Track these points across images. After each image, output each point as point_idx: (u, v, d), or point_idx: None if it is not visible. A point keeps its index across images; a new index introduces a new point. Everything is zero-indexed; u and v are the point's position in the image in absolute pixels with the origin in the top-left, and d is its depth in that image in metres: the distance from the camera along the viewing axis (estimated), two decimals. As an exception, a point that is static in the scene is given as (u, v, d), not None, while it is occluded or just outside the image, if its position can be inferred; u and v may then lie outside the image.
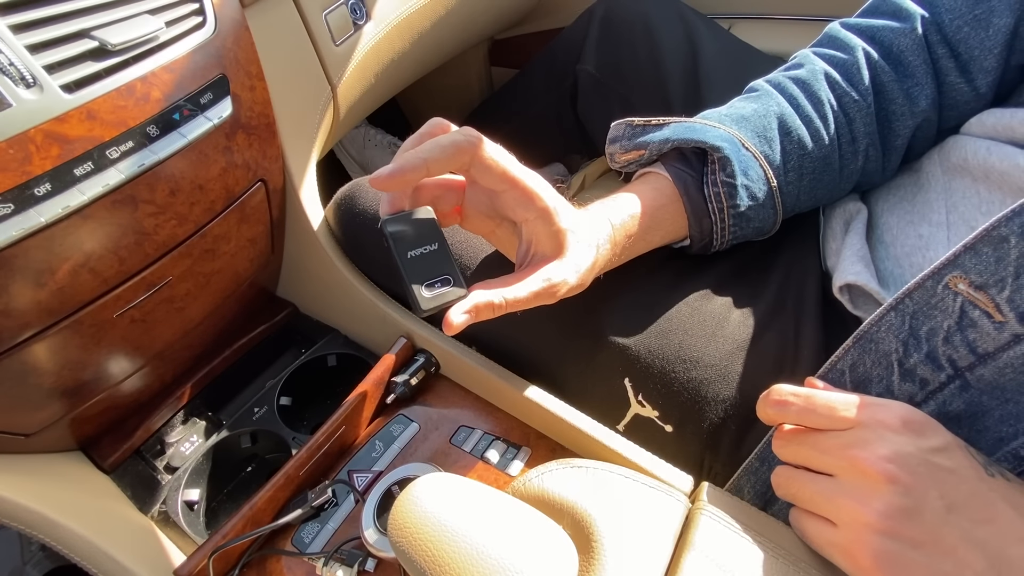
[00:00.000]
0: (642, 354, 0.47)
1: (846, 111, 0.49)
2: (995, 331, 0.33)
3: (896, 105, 0.48)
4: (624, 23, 0.75)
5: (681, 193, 0.48)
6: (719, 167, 0.47)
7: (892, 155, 0.51)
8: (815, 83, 0.49)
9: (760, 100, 0.51)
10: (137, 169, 0.42)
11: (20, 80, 0.36)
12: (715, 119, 0.49)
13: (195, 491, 0.54)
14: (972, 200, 0.44)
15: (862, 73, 0.48)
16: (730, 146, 0.47)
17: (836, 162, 0.50)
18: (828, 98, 0.49)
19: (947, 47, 0.47)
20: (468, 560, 0.31)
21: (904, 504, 0.30)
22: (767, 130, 0.49)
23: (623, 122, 0.51)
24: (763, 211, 0.49)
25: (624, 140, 0.51)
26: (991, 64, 0.46)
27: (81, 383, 0.49)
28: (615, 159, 0.52)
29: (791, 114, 0.49)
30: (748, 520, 0.37)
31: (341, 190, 0.61)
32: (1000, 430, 0.34)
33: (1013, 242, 0.32)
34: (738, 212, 0.48)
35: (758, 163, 0.48)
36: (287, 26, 0.58)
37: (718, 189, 0.48)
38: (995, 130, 0.44)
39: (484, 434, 0.51)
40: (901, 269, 0.46)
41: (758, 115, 0.49)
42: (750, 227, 0.50)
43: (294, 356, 0.64)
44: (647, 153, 0.50)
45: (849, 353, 0.38)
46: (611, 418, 0.50)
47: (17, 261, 0.38)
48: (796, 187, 0.50)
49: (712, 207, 0.48)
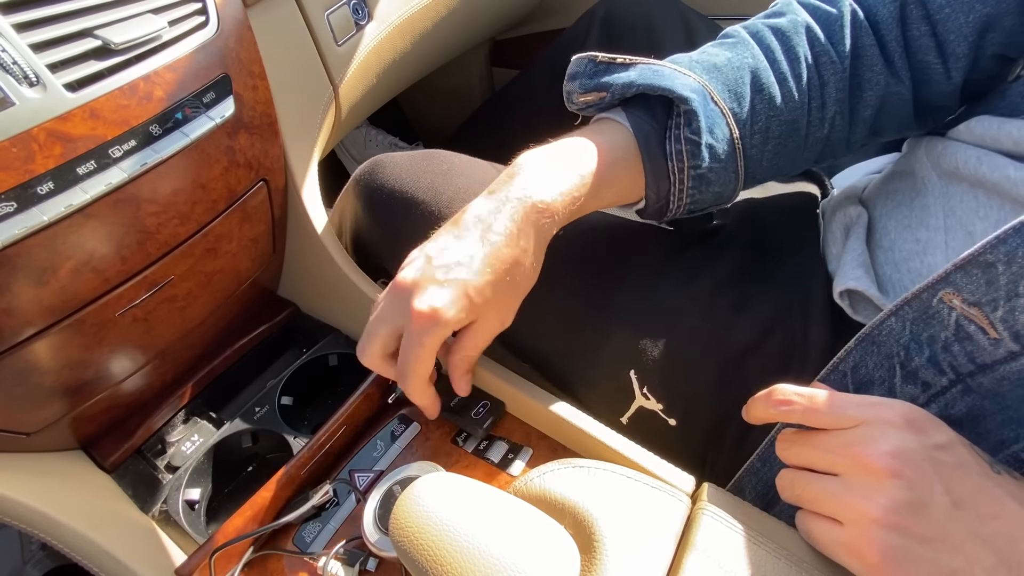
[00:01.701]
0: (649, 346, 0.47)
1: (821, 72, 0.46)
2: (991, 346, 0.32)
3: (873, 72, 0.46)
4: (625, 24, 0.76)
5: (641, 148, 0.44)
6: (684, 121, 0.44)
7: (857, 127, 0.48)
8: (795, 36, 0.46)
9: (735, 49, 0.47)
10: (139, 168, 0.42)
11: (23, 79, 0.36)
12: (685, 64, 0.46)
13: (196, 490, 0.54)
14: (970, 205, 0.43)
15: (844, 32, 0.45)
16: (698, 98, 0.43)
17: (803, 128, 0.47)
18: (805, 55, 0.46)
19: (928, 24, 0.45)
20: (469, 560, 0.31)
21: (909, 499, 0.30)
22: (738, 84, 0.45)
23: (584, 56, 0.46)
24: (724, 174, 0.46)
25: (584, 78, 0.46)
26: (962, 51, 0.44)
27: (82, 382, 0.49)
28: (573, 99, 0.48)
29: (765, 68, 0.46)
30: (750, 520, 0.37)
31: (362, 166, 0.60)
32: (1001, 433, 0.33)
33: (1000, 269, 0.31)
34: (698, 174, 0.45)
35: (725, 120, 0.45)
36: (289, 26, 0.58)
37: (680, 147, 0.44)
38: (983, 139, 0.43)
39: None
40: (900, 274, 0.46)
41: (731, 66, 0.46)
42: (709, 192, 0.46)
43: (295, 356, 0.64)
44: (608, 96, 0.45)
45: (851, 355, 0.38)
46: (615, 410, 0.50)
47: (19, 260, 0.38)
48: (760, 151, 0.47)
49: (672, 166, 0.45)
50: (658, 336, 0.47)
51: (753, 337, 0.47)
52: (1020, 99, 0.42)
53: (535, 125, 0.88)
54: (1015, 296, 0.31)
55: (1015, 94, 0.43)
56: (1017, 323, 0.31)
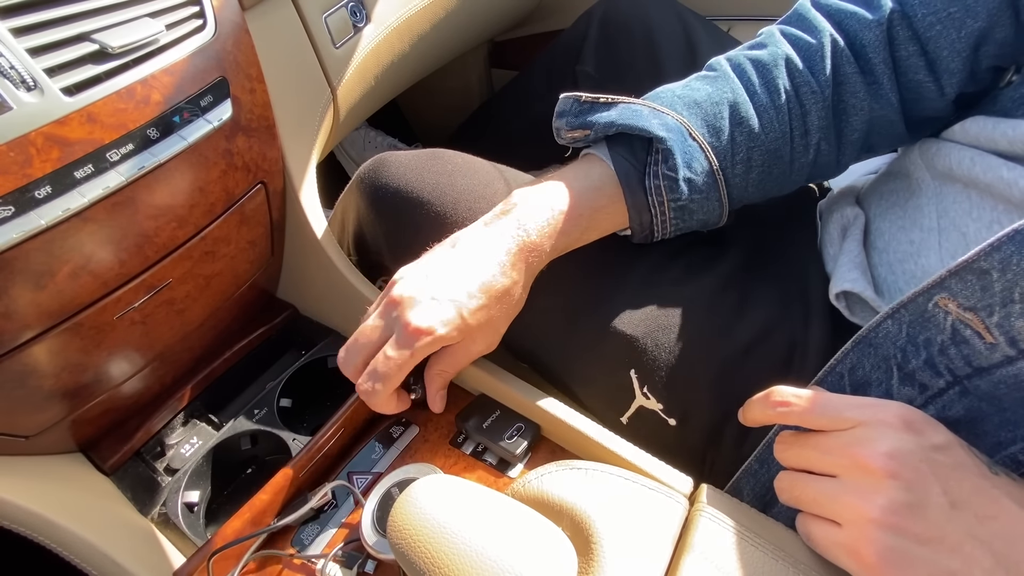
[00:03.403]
0: (649, 346, 0.47)
1: (802, 102, 0.48)
2: (987, 350, 0.32)
3: (857, 99, 0.47)
4: (623, 25, 0.76)
5: (623, 186, 0.47)
6: (661, 159, 0.46)
7: (846, 149, 0.50)
8: (775, 68, 0.48)
9: (716, 84, 0.49)
10: (137, 172, 0.42)
11: (21, 83, 0.36)
12: (667, 101, 0.48)
13: (195, 493, 0.54)
14: (963, 205, 0.43)
15: (825, 62, 0.47)
16: (675, 136, 0.46)
17: (787, 155, 0.49)
18: (785, 86, 0.48)
19: (917, 44, 0.45)
20: (467, 562, 0.31)
21: (907, 499, 0.30)
22: (718, 118, 0.47)
23: (570, 96, 0.49)
24: (707, 203, 0.48)
25: (570, 116, 0.49)
26: (957, 66, 0.44)
27: (81, 385, 0.49)
28: (561, 135, 0.51)
29: (745, 101, 0.48)
30: (748, 522, 0.37)
31: (366, 164, 0.60)
32: (999, 435, 0.34)
33: (995, 276, 0.31)
34: (679, 205, 0.47)
35: (704, 154, 0.47)
36: (287, 29, 0.58)
37: (659, 182, 0.46)
38: (978, 140, 0.43)
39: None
40: (895, 276, 0.46)
41: (711, 101, 0.48)
42: (694, 219, 0.49)
43: (294, 358, 0.64)
44: (592, 133, 0.48)
45: (848, 356, 0.38)
46: (615, 409, 0.50)
47: (17, 264, 0.38)
48: (744, 179, 0.49)
49: (652, 200, 0.47)
50: (659, 336, 0.47)
51: (753, 337, 0.47)
52: (1011, 103, 0.42)
53: (534, 126, 0.89)
54: (1010, 302, 0.31)
55: (1006, 99, 0.43)
56: (1013, 328, 0.31)
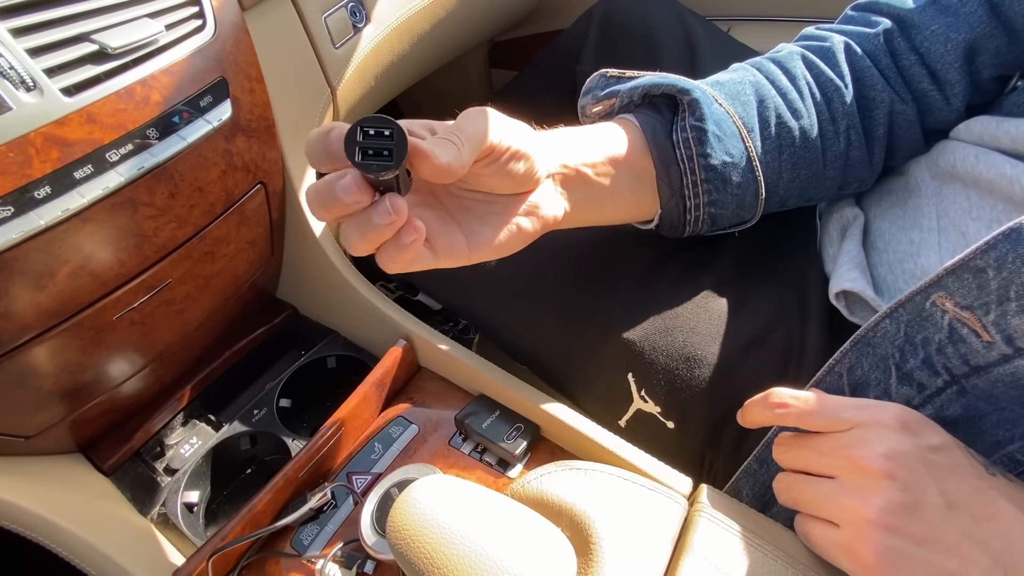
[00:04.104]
0: (647, 350, 0.47)
1: (823, 89, 0.48)
2: (984, 349, 0.33)
3: (876, 92, 0.48)
4: (623, 25, 0.76)
5: (648, 139, 0.45)
6: (688, 111, 0.45)
7: (875, 145, 0.50)
8: (790, 61, 0.49)
9: (736, 72, 0.50)
10: (137, 172, 0.42)
11: (20, 83, 0.36)
12: (689, 82, 0.47)
13: (194, 493, 0.54)
14: (963, 205, 0.43)
15: (839, 57, 0.48)
16: (701, 94, 0.45)
17: (817, 140, 0.48)
18: (804, 75, 0.48)
19: (917, 55, 0.47)
20: (466, 562, 0.31)
21: (904, 500, 0.30)
22: (741, 95, 0.47)
23: (598, 73, 0.50)
24: (741, 174, 0.46)
25: (596, 91, 0.49)
26: (954, 77, 0.46)
27: (81, 385, 0.49)
28: (586, 112, 0.51)
29: (767, 87, 0.48)
30: (747, 522, 0.37)
31: None
32: (996, 434, 0.34)
33: (991, 274, 0.31)
34: (709, 163, 0.44)
35: (731, 119, 0.46)
36: (287, 29, 0.58)
37: (687, 134, 0.44)
38: (982, 138, 0.44)
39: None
40: (894, 275, 0.46)
41: (733, 82, 0.48)
42: (728, 192, 0.45)
43: (294, 358, 0.64)
44: (617, 101, 0.48)
45: (847, 356, 0.39)
46: (613, 412, 0.50)
47: (16, 264, 0.38)
48: (776, 158, 0.47)
49: (680, 153, 0.45)
50: (656, 338, 0.47)
51: (751, 338, 0.47)
52: (1015, 107, 0.43)
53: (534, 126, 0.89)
54: (1006, 300, 0.31)
55: (1011, 103, 0.44)
56: (1009, 326, 0.31)
